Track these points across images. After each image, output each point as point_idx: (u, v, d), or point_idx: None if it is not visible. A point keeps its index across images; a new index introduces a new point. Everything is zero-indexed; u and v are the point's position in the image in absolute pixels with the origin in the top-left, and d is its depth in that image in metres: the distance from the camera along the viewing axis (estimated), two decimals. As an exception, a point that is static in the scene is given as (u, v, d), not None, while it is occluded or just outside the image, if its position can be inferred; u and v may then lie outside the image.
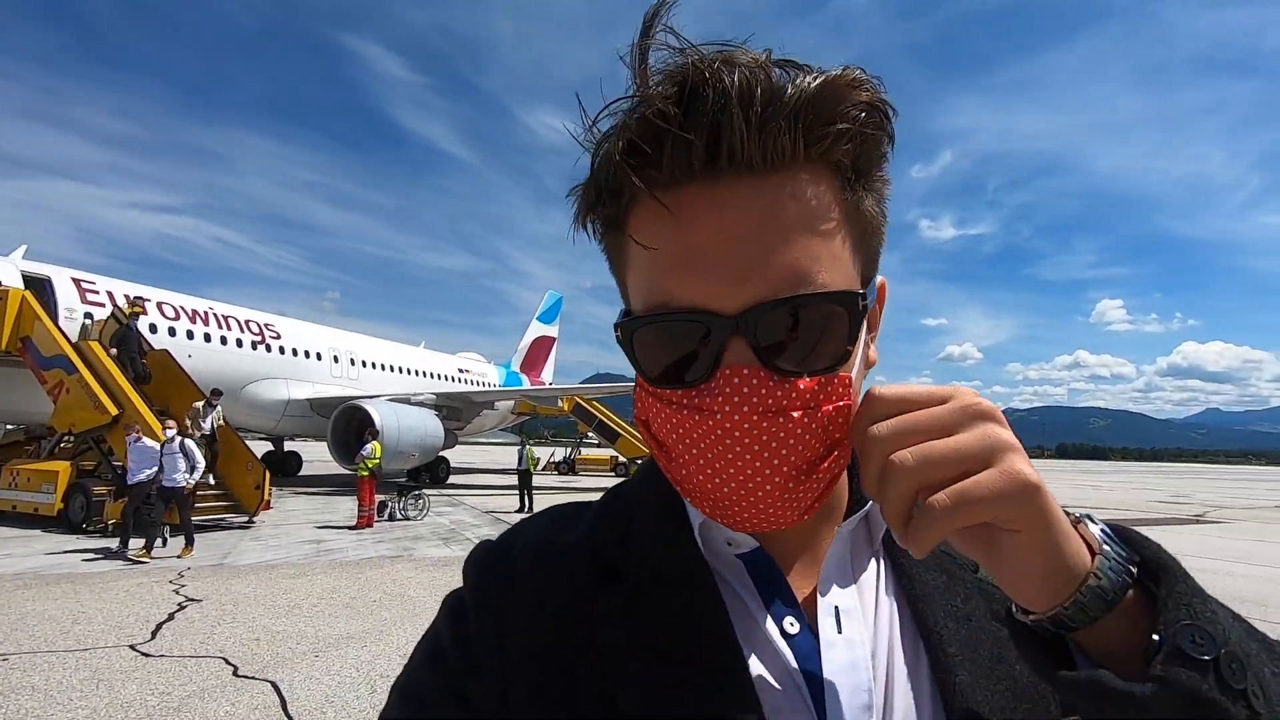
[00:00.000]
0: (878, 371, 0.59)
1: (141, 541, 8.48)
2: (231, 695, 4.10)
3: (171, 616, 5.83)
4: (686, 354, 0.48)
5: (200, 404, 10.82)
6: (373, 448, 12.90)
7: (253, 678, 4.41)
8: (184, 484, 9.11)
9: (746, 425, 0.46)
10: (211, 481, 11.37)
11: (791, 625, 0.54)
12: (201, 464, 9.54)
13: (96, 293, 16.33)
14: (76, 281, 16.12)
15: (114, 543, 9.10)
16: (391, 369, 26.24)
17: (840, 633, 0.53)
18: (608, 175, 0.48)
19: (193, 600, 6.41)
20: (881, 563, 0.59)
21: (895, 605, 0.57)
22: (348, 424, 19.11)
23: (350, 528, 11.65)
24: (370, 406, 18.25)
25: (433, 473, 22.04)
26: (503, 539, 0.63)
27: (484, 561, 0.60)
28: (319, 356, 22.92)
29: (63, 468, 11.13)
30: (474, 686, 0.54)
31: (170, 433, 9.40)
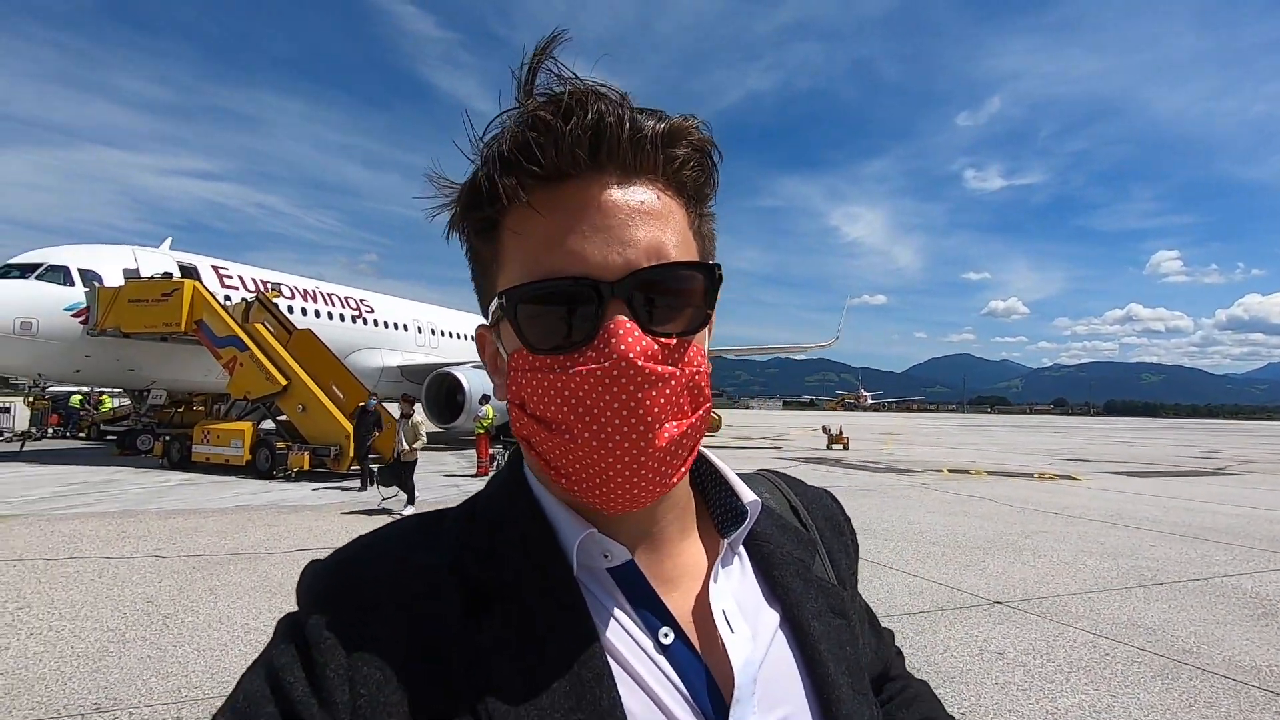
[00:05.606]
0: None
1: (393, 490, 10.26)
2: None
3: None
4: (569, 319, 0.53)
5: (407, 419, 10.37)
6: (486, 410, 15.36)
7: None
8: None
9: (631, 371, 0.51)
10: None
11: (665, 636, 0.56)
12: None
13: (230, 277, 19.10)
14: (216, 268, 18.87)
15: (298, 485, 12.01)
16: (463, 337, 28.87)
17: (734, 632, 0.57)
18: (490, 177, 0.53)
19: (410, 521, 8.85)
20: (747, 565, 0.65)
21: (770, 605, 0.63)
22: (439, 388, 21.74)
23: (471, 475, 14.18)
24: (459, 373, 20.75)
25: (505, 430, 24.65)
26: (347, 558, 0.58)
27: (330, 589, 0.55)
28: (405, 328, 25.55)
29: (247, 426, 13.85)
30: None
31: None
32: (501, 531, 0.59)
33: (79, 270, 15.87)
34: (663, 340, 0.53)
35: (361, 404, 13.38)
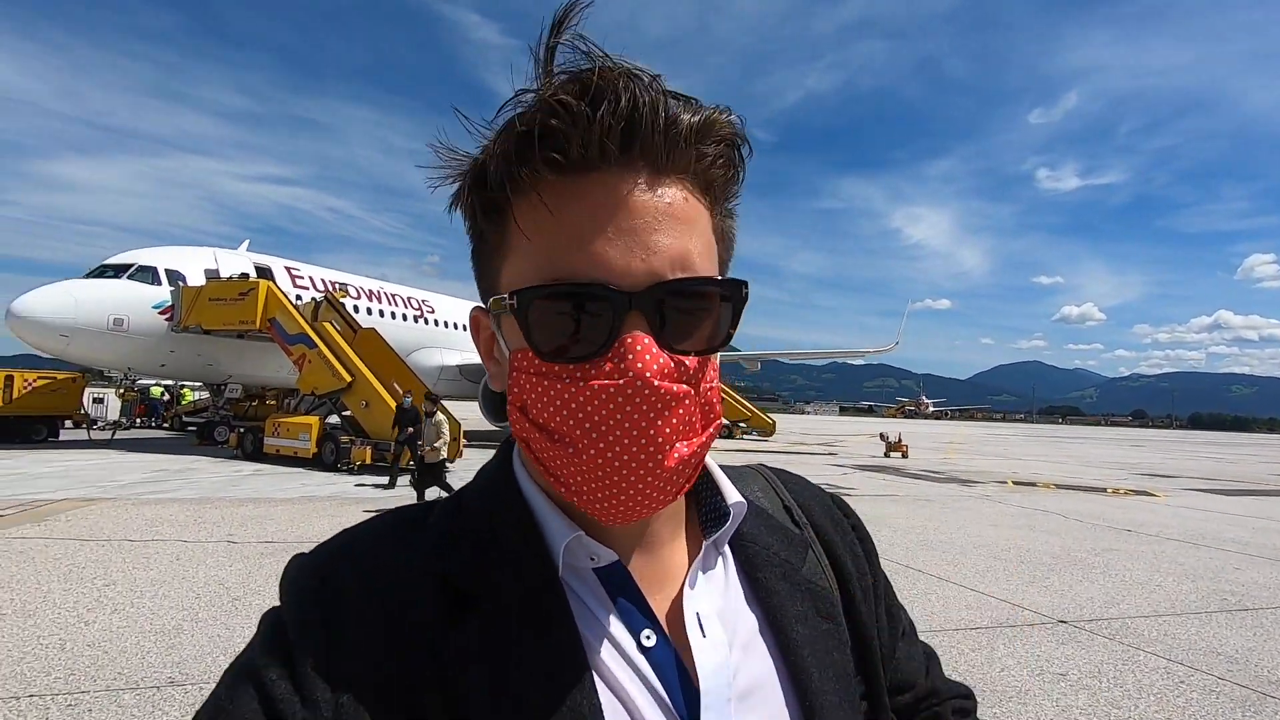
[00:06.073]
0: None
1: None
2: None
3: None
4: (583, 327, 0.49)
5: (430, 418, 10.18)
6: (540, 409, 15.62)
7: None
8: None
9: (647, 391, 0.48)
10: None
11: (648, 638, 0.55)
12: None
13: (302, 277, 20.02)
14: (288, 269, 19.82)
15: (360, 477, 12.39)
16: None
17: (705, 636, 0.55)
18: (502, 164, 0.49)
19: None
20: (730, 567, 0.62)
21: (750, 608, 0.61)
22: (495, 387, 22.25)
23: (525, 474, 14.42)
24: (515, 373, 21.12)
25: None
26: (330, 553, 0.57)
27: (313, 585, 0.54)
28: (464, 328, 26.10)
29: (314, 421, 14.47)
30: None
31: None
32: (486, 530, 0.57)
33: (165, 270, 16.96)
34: (680, 358, 0.51)
35: (398, 402, 13.49)
